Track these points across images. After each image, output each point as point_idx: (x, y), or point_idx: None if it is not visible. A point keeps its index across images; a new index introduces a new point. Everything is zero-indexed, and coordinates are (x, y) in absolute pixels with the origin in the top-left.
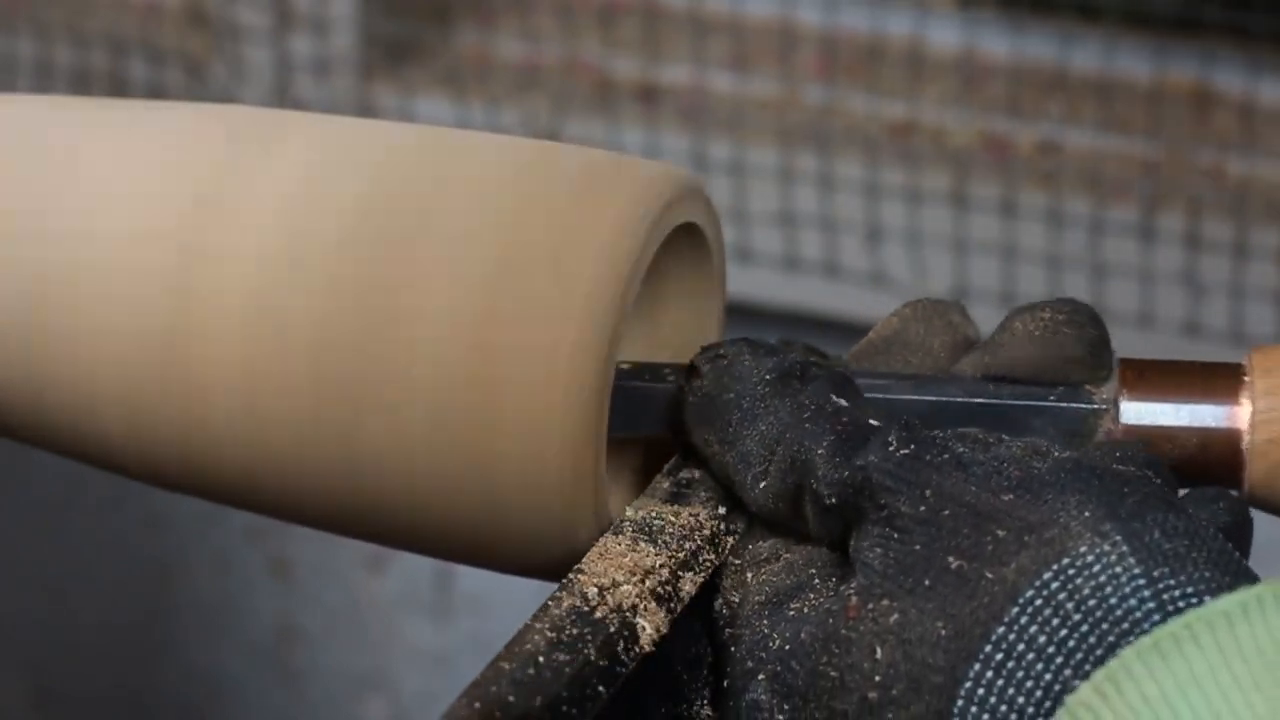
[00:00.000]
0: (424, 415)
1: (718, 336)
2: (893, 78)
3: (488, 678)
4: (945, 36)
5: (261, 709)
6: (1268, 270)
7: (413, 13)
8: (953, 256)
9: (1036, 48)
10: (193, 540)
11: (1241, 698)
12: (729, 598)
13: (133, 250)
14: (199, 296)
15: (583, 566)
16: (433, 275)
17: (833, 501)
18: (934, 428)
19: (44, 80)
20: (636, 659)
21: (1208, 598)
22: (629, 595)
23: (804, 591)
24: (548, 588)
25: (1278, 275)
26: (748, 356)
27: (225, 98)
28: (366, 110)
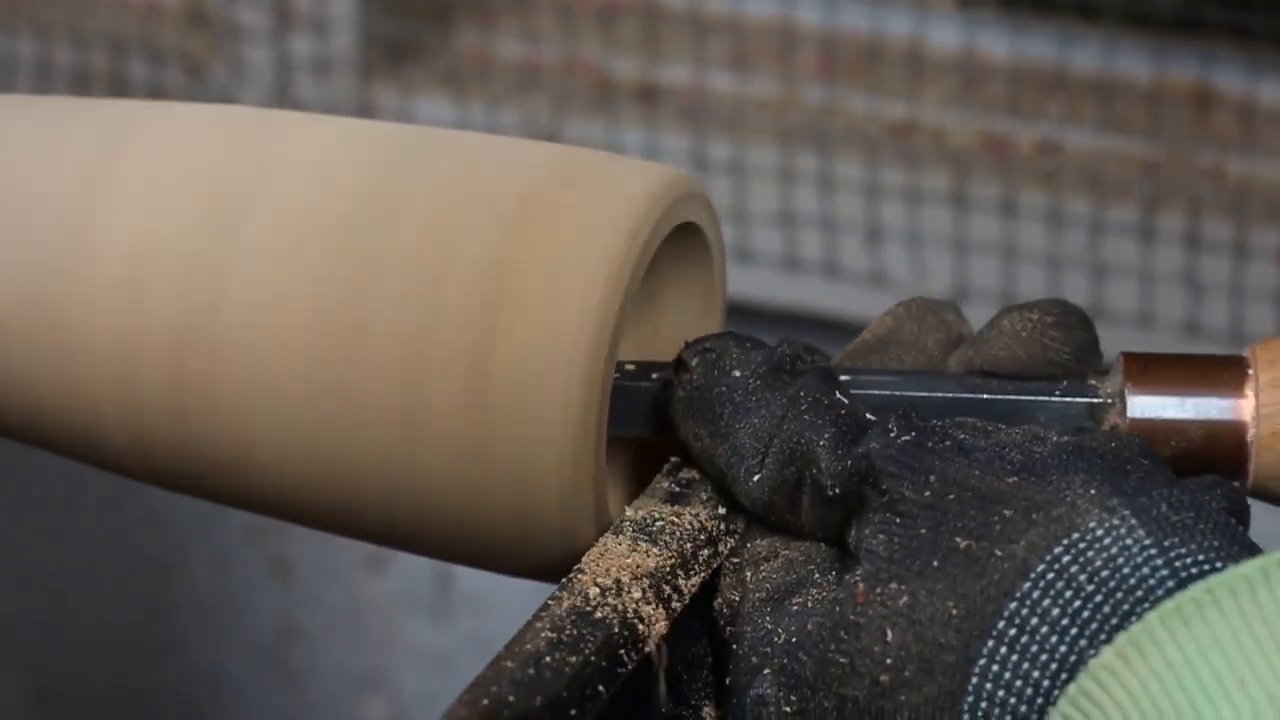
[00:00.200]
0: (423, 415)
1: None
2: (893, 78)
3: (488, 677)
4: (945, 36)
5: (261, 709)
6: (1268, 270)
7: (413, 13)
8: (953, 256)
9: (1036, 48)
10: (193, 540)
11: (1264, 660)
12: (728, 596)
13: (134, 250)
14: (200, 295)
15: (583, 566)
16: (432, 275)
17: (836, 491)
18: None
19: (44, 80)
20: (637, 659)
21: (1220, 564)
22: (629, 595)
23: (805, 587)
24: (548, 588)
25: (1278, 275)
26: (735, 350)
27: (225, 98)
28: (366, 110)
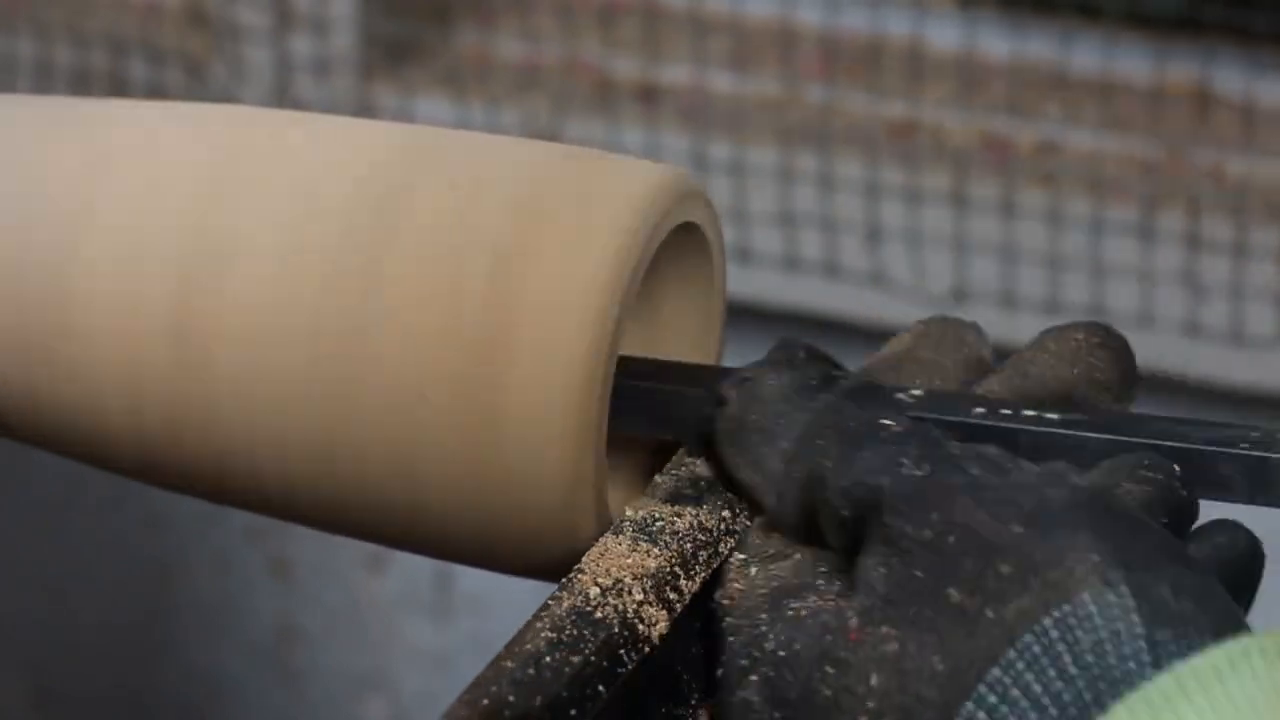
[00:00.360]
0: (422, 415)
1: (718, 337)
2: (893, 78)
3: (488, 677)
4: (945, 36)
5: (261, 709)
6: (1268, 270)
7: (413, 13)
8: (953, 256)
9: (1036, 48)
10: (193, 540)
11: None
12: (731, 589)
13: (134, 251)
14: (200, 296)
15: (583, 566)
16: (431, 274)
17: (846, 514)
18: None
19: (44, 80)
20: (637, 659)
21: (1182, 665)
22: (630, 595)
23: (806, 592)
24: (548, 588)
25: (1278, 275)
26: (771, 375)
27: (225, 98)
28: (366, 110)
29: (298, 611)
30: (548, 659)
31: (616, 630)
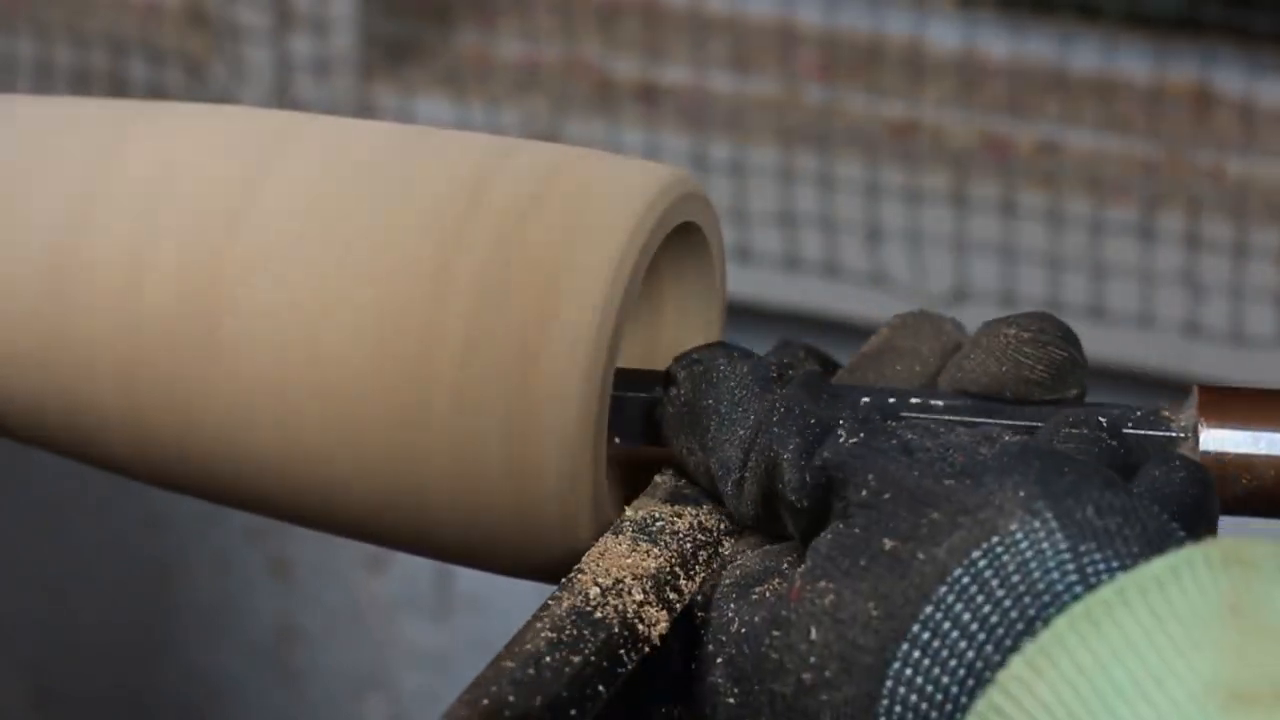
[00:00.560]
0: (423, 416)
1: (718, 337)
2: (893, 78)
3: (488, 677)
4: (945, 36)
5: (261, 709)
6: (1268, 270)
7: (413, 13)
8: (953, 256)
9: (1036, 48)
10: (193, 540)
11: (1181, 660)
12: (706, 583)
13: (133, 251)
14: (199, 295)
15: (583, 566)
16: (432, 275)
17: (804, 505)
18: None
19: (44, 80)
20: (637, 659)
21: (1124, 575)
22: (629, 595)
23: (770, 576)
24: (547, 588)
25: (1278, 275)
26: (723, 361)
27: (225, 98)
28: (366, 110)
29: (298, 611)
30: (548, 659)
31: (616, 630)
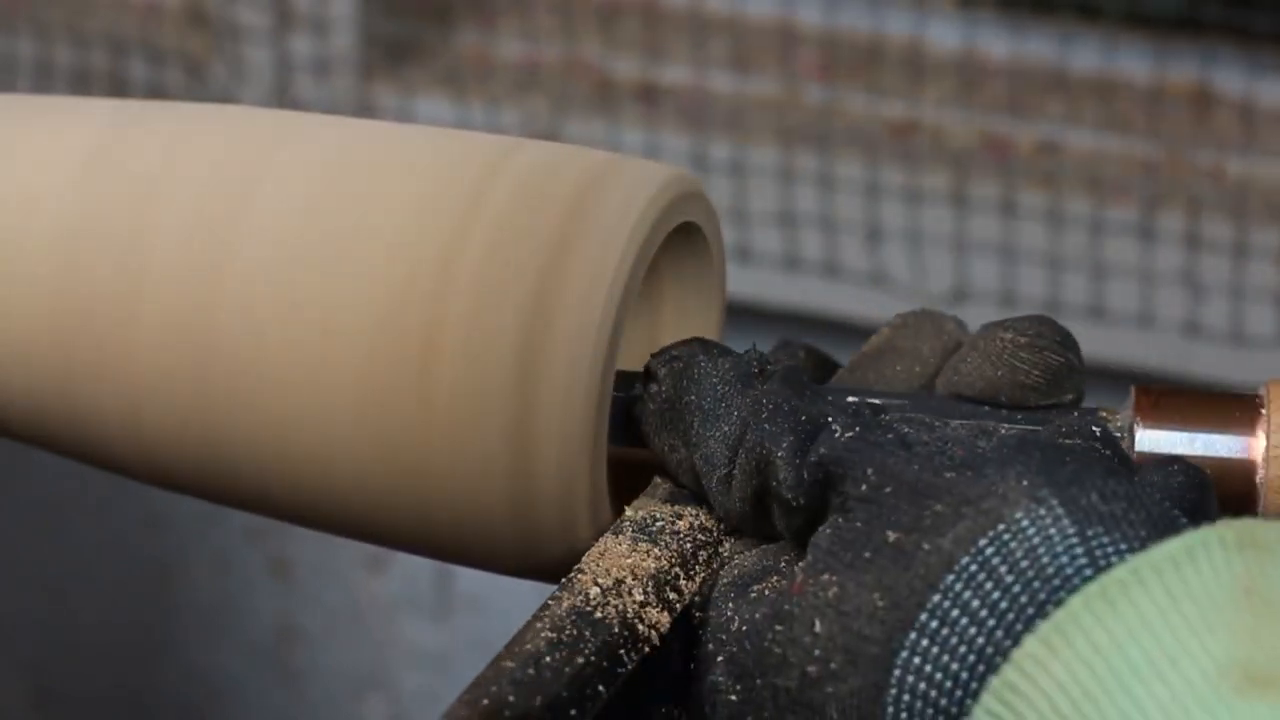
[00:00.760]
0: (424, 416)
1: (718, 337)
2: (893, 78)
3: (488, 677)
4: (945, 36)
5: (261, 709)
6: (1268, 270)
7: (413, 13)
8: (953, 256)
9: (1036, 48)
10: (193, 540)
11: (1196, 640)
12: (707, 583)
13: (133, 250)
14: (199, 295)
15: (583, 566)
16: (429, 275)
17: (800, 502)
18: None
19: (44, 80)
20: (637, 659)
21: (1140, 555)
22: (630, 595)
23: (768, 574)
24: (547, 588)
25: (1278, 275)
26: (703, 357)
27: (225, 98)
28: (366, 110)
29: (298, 611)
30: (548, 659)
31: (616, 630)
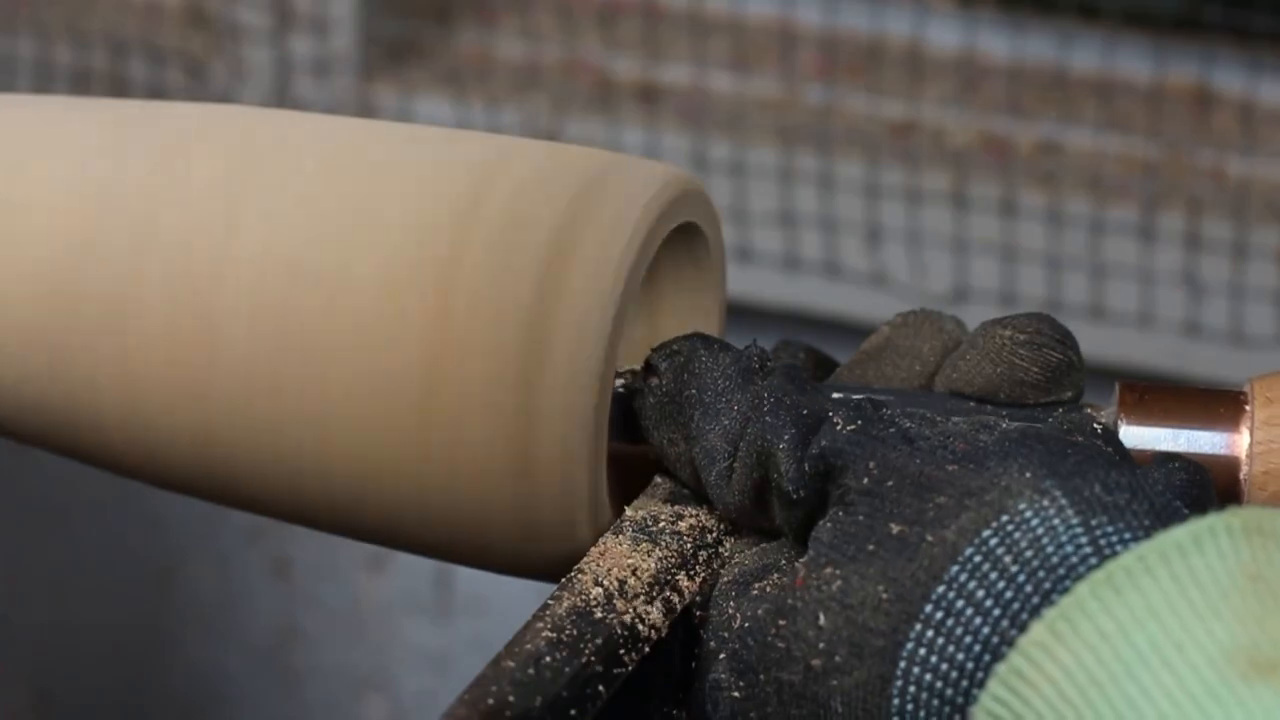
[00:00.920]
0: (424, 416)
1: (718, 336)
2: (893, 78)
3: (488, 677)
4: (945, 36)
5: (261, 709)
6: (1268, 270)
7: (413, 13)
8: (953, 256)
9: (1036, 48)
10: (193, 540)
11: (1202, 627)
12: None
13: (133, 249)
14: (199, 294)
15: (583, 566)
16: (429, 276)
17: (800, 495)
18: None
19: (44, 80)
20: (637, 659)
21: (1146, 542)
22: (630, 595)
23: (769, 572)
24: (548, 588)
25: (1278, 275)
26: (704, 352)
27: (225, 98)
28: (366, 110)
29: (298, 611)
30: (548, 659)
31: (616, 630)
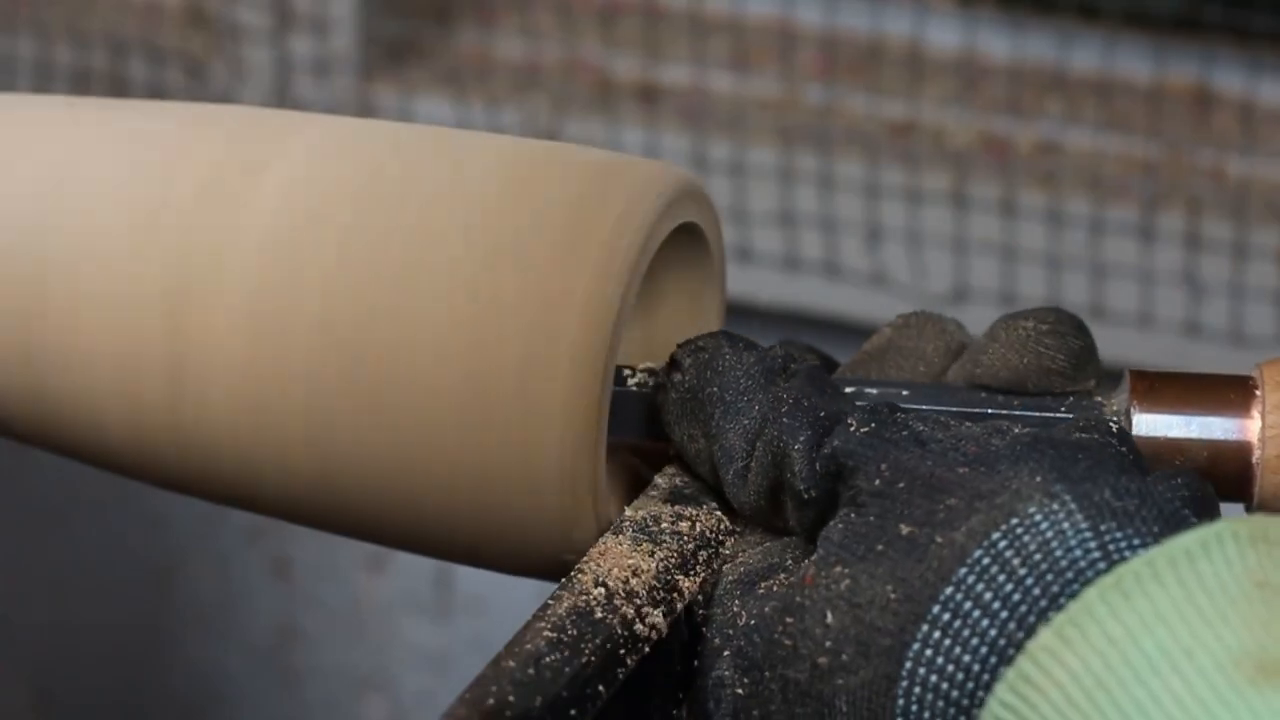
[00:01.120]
0: (422, 416)
1: None
2: (893, 78)
3: (488, 677)
4: (945, 36)
5: (261, 709)
6: (1268, 270)
7: (413, 13)
8: (953, 256)
9: (1036, 48)
10: (193, 540)
11: (1210, 632)
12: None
13: (132, 250)
14: (199, 297)
15: (583, 566)
16: (430, 276)
17: (812, 494)
18: None
19: (44, 80)
20: (637, 659)
21: (1155, 547)
22: (630, 595)
23: (775, 572)
24: (548, 588)
25: (1278, 275)
26: (728, 350)
27: (225, 98)
28: (366, 110)
29: (298, 611)
30: (548, 659)
31: (617, 630)
